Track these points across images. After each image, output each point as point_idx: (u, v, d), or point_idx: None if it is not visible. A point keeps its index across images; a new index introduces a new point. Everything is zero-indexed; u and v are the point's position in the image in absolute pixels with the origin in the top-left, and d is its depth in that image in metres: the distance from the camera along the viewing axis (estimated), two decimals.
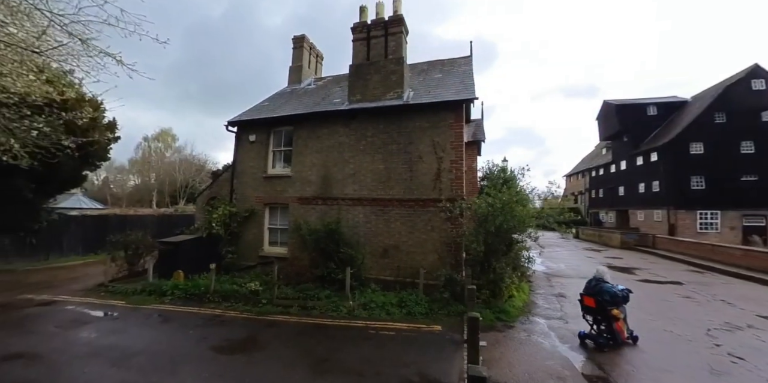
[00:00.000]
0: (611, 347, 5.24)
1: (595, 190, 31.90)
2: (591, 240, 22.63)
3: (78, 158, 10.73)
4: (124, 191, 41.30)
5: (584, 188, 34.54)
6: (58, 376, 4.26)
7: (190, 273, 8.78)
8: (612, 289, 5.54)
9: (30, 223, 11.25)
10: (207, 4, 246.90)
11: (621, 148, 26.78)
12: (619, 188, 27.18)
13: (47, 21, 3.91)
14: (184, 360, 4.74)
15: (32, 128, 4.53)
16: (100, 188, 40.65)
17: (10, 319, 6.42)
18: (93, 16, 4.58)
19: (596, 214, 31.54)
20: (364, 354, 5.00)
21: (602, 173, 30.50)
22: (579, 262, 13.98)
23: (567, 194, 40.56)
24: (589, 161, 35.02)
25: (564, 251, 17.51)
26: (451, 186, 8.24)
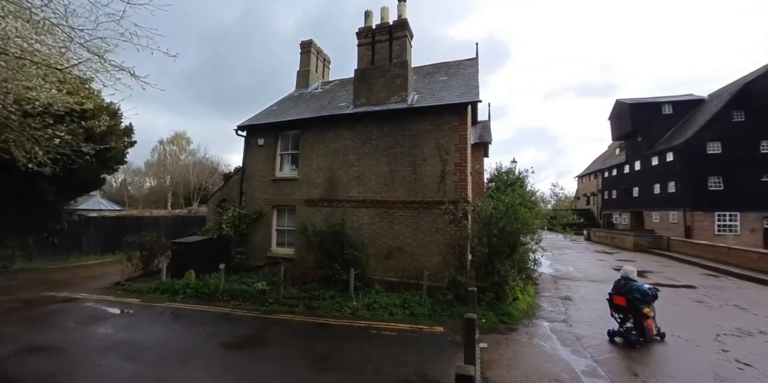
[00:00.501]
0: (641, 343, 5.45)
1: (608, 191, 31.20)
2: (603, 242, 22.16)
3: (97, 162, 11.22)
4: (141, 192, 42.61)
5: (597, 189, 33.81)
6: (77, 368, 4.53)
7: (201, 273, 9.07)
8: (642, 287, 5.75)
9: (52, 224, 11.83)
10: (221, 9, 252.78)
11: (635, 148, 26.16)
12: (633, 189, 26.53)
13: (67, 38, 4.20)
14: (194, 356, 4.96)
15: (54, 136, 4.84)
16: (117, 189, 42.06)
17: (34, 315, 6.80)
18: (110, 31, 4.90)
19: (609, 215, 30.83)
20: (365, 353, 5.11)
21: (615, 173, 29.82)
22: (588, 265, 13.76)
23: (579, 196, 39.77)
24: (601, 161, 34.29)
25: (574, 254, 17.24)
26: (456, 188, 8.29)
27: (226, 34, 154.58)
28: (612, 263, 14.16)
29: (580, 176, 39.08)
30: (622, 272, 6.15)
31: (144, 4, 4.65)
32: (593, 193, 35.05)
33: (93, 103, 5.15)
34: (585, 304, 7.96)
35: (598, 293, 8.96)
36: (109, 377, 4.31)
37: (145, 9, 4.71)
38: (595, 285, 9.95)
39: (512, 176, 15.09)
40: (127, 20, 4.76)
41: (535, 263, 9.45)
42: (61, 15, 4.50)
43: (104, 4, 4.55)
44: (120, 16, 4.75)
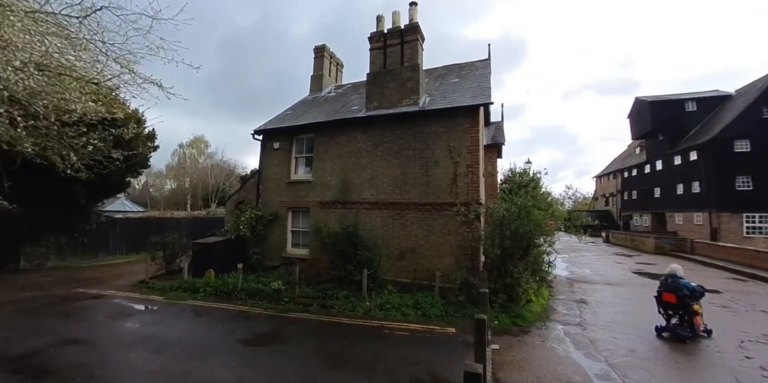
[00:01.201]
0: (691, 338, 5.70)
1: (628, 191, 30.21)
2: (622, 245, 21.51)
3: (124, 166, 11.86)
4: (162, 194, 44.21)
5: (616, 190, 32.79)
6: (109, 360, 4.84)
7: (219, 272, 9.42)
8: (690, 284, 5.93)
9: (83, 225, 12.53)
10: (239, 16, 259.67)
11: (656, 147, 25.28)
12: (654, 190, 25.62)
13: (100, 52, 4.53)
14: (214, 351, 5.20)
15: (88, 143, 5.21)
16: (140, 191, 43.79)
17: (68, 309, 7.27)
18: (137, 45, 5.24)
19: (629, 217, 29.85)
20: (377, 351, 5.23)
21: (635, 173, 28.86)
22: (606, 268, 13.42)
23: (597, 196, 38.67)
24: (621, 161, 33.25)
25: (591, 256, 16.84)
26: (468, 190, 8.31)
27: (243, 40, 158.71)
28: (631, 266, 13.77)
29: (599, 177, 37.98)
30: (668, 270, 6.30)
31: (169, 19, 4.95)
32: (612, 194, 34.02)
33: (123, 112, 5.51)
34: (601, 308, 7.81)
35: (615, 296, 8.80)
36: (138, 369, 4.59)
37: (170, 23, 5.02)
38: (612, 289, 9.73)
39: (526, 178, 14.96)
40: (154, 34, 5.10)
41: (549, 265, 9.33)
42: (94, 31, 4.87)
43: (133, 21, 4.88)
44: (147, 30, 5.09)
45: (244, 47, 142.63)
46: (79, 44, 4.67)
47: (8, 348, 5.17)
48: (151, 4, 4.86)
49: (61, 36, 4.47)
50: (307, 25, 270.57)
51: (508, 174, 15.61)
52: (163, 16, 5.04)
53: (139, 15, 4.95)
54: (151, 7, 4.86)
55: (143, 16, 4.98)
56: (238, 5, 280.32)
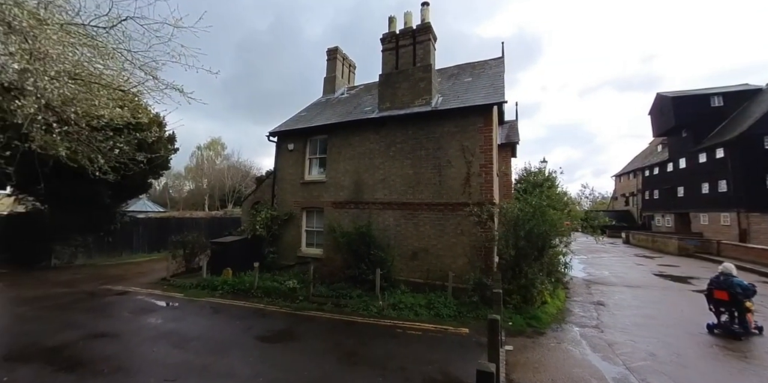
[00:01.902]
0: (744, 335, 5.81)
1: (650, 191, 29.15)
2: (643, 246, 20.78)
3: (147, 168, 12.35)
4: (181, 195, 45.64)
5: (636, 189, 31.70)
6: (134, 353, 5.08)
7: (236, 271, 9.69)
8: (743, 282, 6.10)
9: (108, 224, 13.12)
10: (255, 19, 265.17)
11: (679, 144, 24.32)
12: (677, 189, 24.65)
13: (125, 60, 4.76)
14: (233, 346, 5.37)
15: (114, 146, 5.48)
16: (161, 192, 45.40)
17: (95, 305, 7.64)
18: (159, 52, 5.47)
19: (650, 217, 28.79)
20: (390, 350, 5.28)
21: (657, 172, 27.83)
22: (626, 269, 13.02)
23: (617, 196, 37.47)
24: (642, 159, 32.11)
25: (610, 258, 16.37)
26: (481, 190, 8.26)
27: (258, 43, 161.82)
28: (653, 268, 13.31)
29: (618, 176, 36.79)
30: (721, 268, 6.42)
31: (189, 27, 5.15)
32: (632, 193, 32.90)
33: (147, 117, 5.76)
34: (620, 310, 7.61)
35: (634, 299, 8.56)
36: (161, 362, 4.79)
37: (190, 31, 5.22)
38: (632, 291, 9.44)
39: (541, 177, 14.70)
40: (174, 41, 5.31)
41: (566, 266, 9.15)
42: (120, 40, 5.11)
43: (155, 29, 5.10)
44: (168, 38, 5.30)
45: (259, 50, 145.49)
46: (106, 53, 4.92)
47: (44, 340, 5.49)
48: (172, 13, 5.07)
49: (90, 46, 4.73)
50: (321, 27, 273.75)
51: (523, 173, 15.36)
52: (183, 24, 5.26)
53: (162, 24, 5.17)
54: (173, 16, 5.06)
55: (165, 24, 5.20)
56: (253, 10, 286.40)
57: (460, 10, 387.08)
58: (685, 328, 6.47)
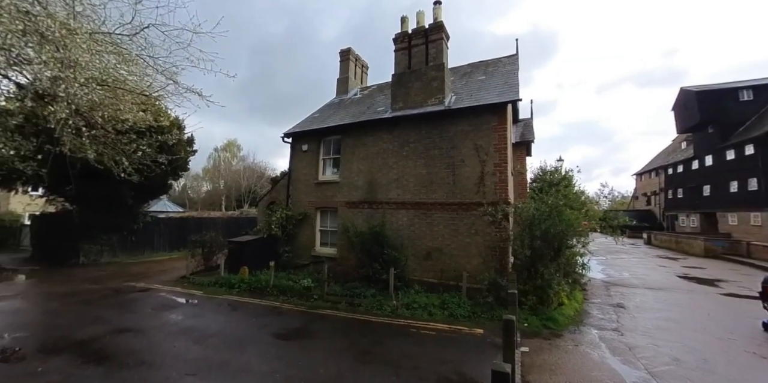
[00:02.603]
0: None
1: (673, 190, 27.97)
2: (666, 247, 19.98)
3: (168, 169, 12.79)
4: (199, 196, 46.93)
5: (659, 188, 30.49)
6: (157, 348, 5.28)
7: (253, 269, 9.90)
8: None
9: (131, 224, 13.64)
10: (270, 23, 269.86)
11: (705, 141, 23.24)
12: (703, 188, 23.57)
13: (148, 66, 4.96)
14: (250, 343, 5.51)
15: (138, 149, 5.72)
16: (180, 193, 46.84)
17: (120, 301, 7.96)
18: (179, 57, 5.66)
19: (674, 217, 27.62)
20: (404, 349, 5.29)
21: (681, 170, 26.67)
22: (647, 271, 12.57)
23: (638, 195, 36.15)
24: (665, 156, 30.84)
25: (631, 259, 15.83)
26: (495, 189, 8.16)
27: (274, 45, 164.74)
28: (676, 270, 12.79)
29: (639, 174, 35.47)
30: None
31: (207, 33, 5.31)
32: (655, 192, 31.67)
33: (168, 120, 5.97)
34: (640, 313, 7.36)
35: (656, 302, 8.26)
36: (182, 357, 4.96)
37: (208, 36, 5.38)
38: (653, 293, 9.12)
39: (557, 176, 14.37)
40: (194, 47, 5.48)
41: (583, 267, 8.92)
42: (142, 47, 5.33)
43: (175, 36, 5.28)
44: (188, 43, 5.48)
45: (275, 53, 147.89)
46: (130, 60, 5.14)
47: (74, 334, 5.78)
48: (191, 20, 5.24)
49: (115, 53, 4.95)
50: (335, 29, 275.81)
51: (539, 172, 15.06)
52: (202, 29, 5.43)
53: (181, 30, 5.35)
54: (191, 23, 5.23)
55: (185, 31, 5.38)
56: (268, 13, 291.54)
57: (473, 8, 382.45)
58: (714, 333, 6.20)
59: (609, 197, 44.23)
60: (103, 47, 4.42)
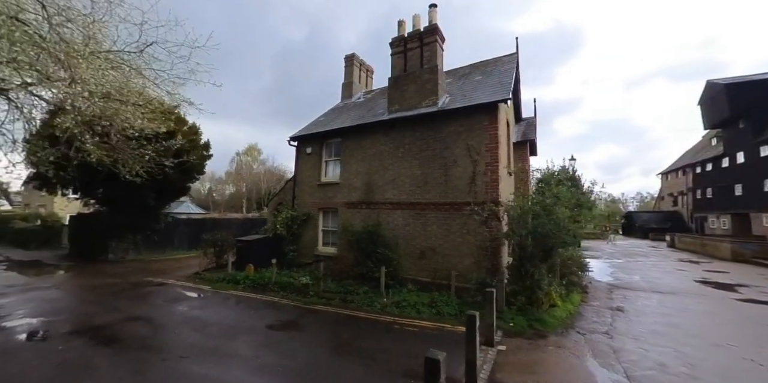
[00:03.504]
0: None
1: (701, 189, 26.23)
2: (690, 250, 18.80)
3: (182, 173, 13.71)
4: (223, 198, 49.16)
5: (686, 188, 28.67)
6: (160, 334, 5.81)
7: (258, 267, 10.42)
8: None
9: (153, 224, 14.68)
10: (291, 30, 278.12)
11: (736, 136, 21.72)
12: (735, 187, 21.99)
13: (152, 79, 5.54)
14: (243, 332, 5.93)
15: (144, 154, 6.33)
16: (205, 196, 49.30)
17: (137, 294, 8.68)
18: (182, 69, 6.22)
19: (703, 218, 25.87)
20: (382, 344, 5.50)
21: (711, 168, 25.00)
22: (662, 274, 11.99)
23: (663, 196, 34.14)
24: (693, 154, 28.98)
25: (647, 262, 15.10)
26: (486, 189, 8.20)
27: (295, 52, 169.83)
28: (695, 274, 12.11)
29: (665, 173, 33.47)
30: None
31: (201, 47, 5.83)
32: (682, 192, 29.80)
33: (167, 127, 6.54)
34: (638, 316, 7.15)
35: (659, 305, 7.96)
36: (180, 342, 5.44)
37: (203, 50, 5.90)
38: (659, 297, 8.77)
39: (563, 176, 14.07)
40: (193, 60, 6.03)
41: (582, 268, 8.74)
42: (147, 61, 5.92)
43: (175, 51, 5.84)
44: (188, 57, 6.03)
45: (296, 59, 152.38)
46: (135, 75, 5.72)
47: (93, 320, 6.46)
48: (187, 36, 5.78)
49: (122, 69, 5.54)
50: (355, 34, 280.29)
51: (545, 172, 14.78)
52: (198, 44, 5.97)
53: (179, 46, 5.90)
54: (188, 39, 5.77)
55: (183, 47, 5.93)
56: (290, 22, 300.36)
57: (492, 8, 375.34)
58: (713, 339, 5.93)
59: (603, 197, 41.97)
60: (109, 64, 4.99)
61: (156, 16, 5.50)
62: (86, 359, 4.84)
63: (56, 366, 4.62)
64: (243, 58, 30.39)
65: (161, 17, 5.58)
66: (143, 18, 5.40)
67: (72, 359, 4.83)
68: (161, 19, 5.56)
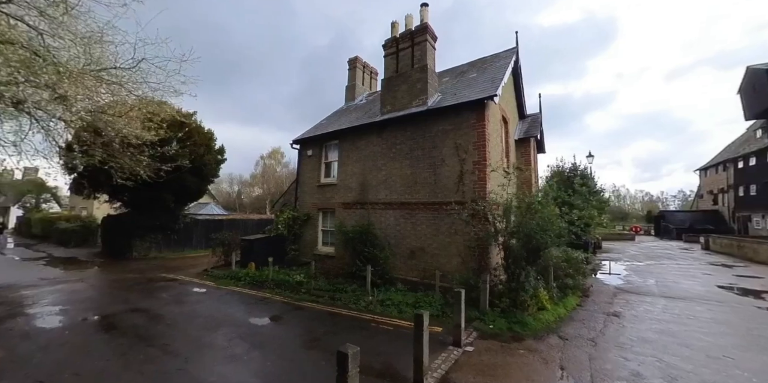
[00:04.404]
0: None
1: (744, 186, 23.66)
2: (727, 253, 17.06)
3: (196, 177, 14.62)
4: (249, 200, 51.45)
5: (727, 185, 26.06)
6: (153, 324, 6.29)
7: (260, 265, 10.89)
8: None
9: (173, 224, 15.74)
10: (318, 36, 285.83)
11: None
12: None
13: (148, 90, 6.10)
14: (227, 325, 6.29)
15: (140, 159, 6.91)
16: (235, 198, 51.89)
17: (148, 288, 9.40)
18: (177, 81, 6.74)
19: (747, 218, 23.36)
20: (352, 340, 5.49)
21: (755, 162, 22.51)
22: (682, 279, 11.05)
23: (702, 194, 31.24)
24: (735, 148, 26.30)
25: (671, 265, 13.96)
26: (474, 188, 8.07)
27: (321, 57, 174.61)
28: (722, 279, 11.05)
29: (703, 169, 30.58)
30: None
31: (187, 60, 6.29)
32: (722, 189, 27.11)
33: (160, 134, 7.08)
34: (634, 323, 6.68)
35: (663, 312, 7.41)
36: (167, 333, 5.87)
37: (189, 64, 6.36)
38: (667, 303, 8.13)
39: (575, 172, 13.43)
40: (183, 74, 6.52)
41: (580, 271, 8.33)
42: (141, 75, 6.46)
43: (164, 66, 6.34)
44: (177, 71, 6.51)
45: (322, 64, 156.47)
46: (132, 87, 6.27)
47: (103, 310, 7.19)
48: (173, 51, 6.25)
49: (117, 84, 6.09)
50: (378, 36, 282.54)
51: (555, 170, 14.17)
52: (186, 58, 6.44)
53: (168, 61, 6.38)
54: (173, 54, 6.25)
55: (170, 61, 6.41)
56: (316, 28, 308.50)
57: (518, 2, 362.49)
58: (709, 350, 5.41)
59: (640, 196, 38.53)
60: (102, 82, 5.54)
61: (146, 34, 6.00)
62: (86, 343, 5.44)
63: (60, 346, 5.28)
64: (274, 66, 32.16)
65: (150, 35, 6.07)
66: (136, 37, 5.95)
67: (75, 342, 5.47)
68: (150, 37, 6.08)
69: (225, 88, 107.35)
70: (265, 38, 66.88)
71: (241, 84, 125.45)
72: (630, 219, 47.92)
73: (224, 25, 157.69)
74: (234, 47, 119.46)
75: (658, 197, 59.01)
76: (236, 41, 71.86)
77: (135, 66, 6.16)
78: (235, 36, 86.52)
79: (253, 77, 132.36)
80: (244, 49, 71.21)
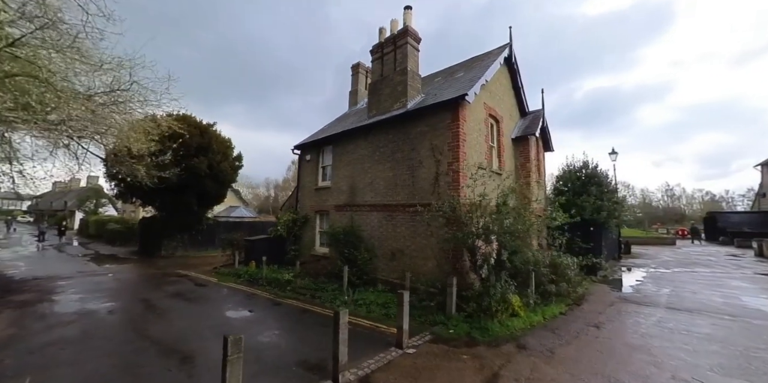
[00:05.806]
0: None
1: None
2: None
3: (215, 182, 15.91)
4: (280, 203, 54.26)
5: None
6: (147, 314, 7.08)
7: (260, 264, 11.59)
8: None
9: (197, 225, 17.24)
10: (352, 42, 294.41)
11: None
12: None
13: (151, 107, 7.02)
14: (205, 316, 6.93)
15: (137, 169, 7.85)
16: (273, 201, 55.11)
17: (160, 282, 10.46)
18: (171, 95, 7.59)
19: None
20: (307, 335, 5.90)
21: None
22: (705, 289, 9.71)
23: (765, 192, 26.98)
24: None
25: (704, 273, 12.32)
26: (449, 190, 7.96)
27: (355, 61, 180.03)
28: (758, 291, 9.60)
29: (765, 164, 26.49)
30: None
31: (177, 79, 7.07)
32: None
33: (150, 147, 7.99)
34: (611, 337, 6.06)
35: (654, 325, 6.71)
36: (154, 321, 6.60)
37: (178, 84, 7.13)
38: (666, 314, 7.30)
39: (587, 172, 12.58)
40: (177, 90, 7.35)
41: (566, 279, 7.81)
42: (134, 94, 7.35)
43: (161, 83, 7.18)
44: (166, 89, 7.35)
45: None
46: (122, 106, 7.16)
47: (111, 299, 8.23)
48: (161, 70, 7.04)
49: (110, 103, 7.00)
50: None
51: (566, 169, 13.32)
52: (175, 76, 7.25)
53: (155, 80, 7.21)
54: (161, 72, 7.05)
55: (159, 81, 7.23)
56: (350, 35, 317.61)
57: None
58: (680, 371, 4.69)
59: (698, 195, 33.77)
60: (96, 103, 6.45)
61: None
62: (91, 326, 6.33)
63: (67, 324, 6.30)
64: (311, 75, 33.83)
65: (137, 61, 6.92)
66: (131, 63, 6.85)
67: (83, 324, 6.36)
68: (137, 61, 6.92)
69: (265, 96, 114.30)
70: (306, 49, 70.54)
71: (280, 93, 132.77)
72: (686, 222, 43.05)
73: (266, 39, 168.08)
74: (275, 60, 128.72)
75: (722, 197, 52.18)
76: (277, 55, 77.20)
77: (127, 89, 7.07)
78: (277, 50, 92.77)
79: (292, 87, 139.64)
80: (283, 61, 76.72)
